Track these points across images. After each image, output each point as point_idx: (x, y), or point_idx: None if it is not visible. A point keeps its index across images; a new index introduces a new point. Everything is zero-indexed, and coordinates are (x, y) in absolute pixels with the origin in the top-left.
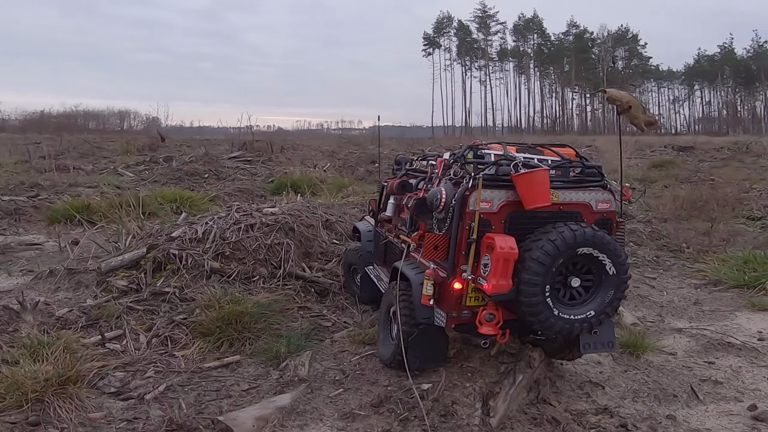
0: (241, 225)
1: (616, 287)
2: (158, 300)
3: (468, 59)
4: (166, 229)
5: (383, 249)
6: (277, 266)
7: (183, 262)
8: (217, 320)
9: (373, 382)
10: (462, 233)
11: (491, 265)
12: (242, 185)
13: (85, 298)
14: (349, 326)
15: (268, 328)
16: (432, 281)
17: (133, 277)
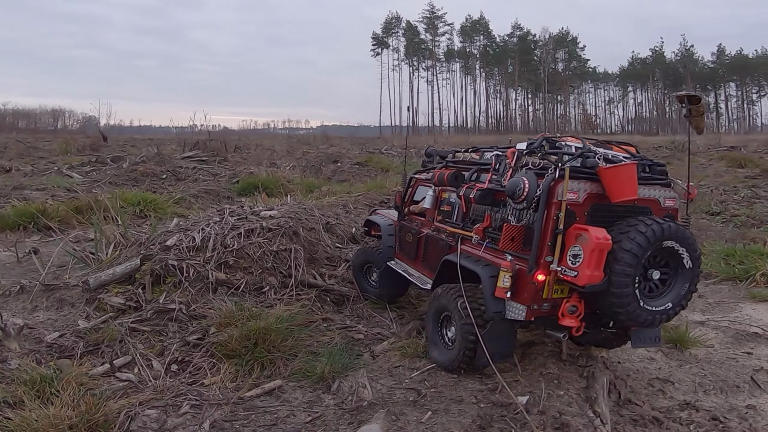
0: (240, 230)
1: (690, 281)
2: (163, 319)
3: (416, 59)
4: (158, 237)
5: (415, 244)
6: (287, 274)
7: (185, 274)
8: (240, 339)
9: (458, 400)
10: (548, 224)
11: (585, 256)
12: (207, 186)
13: (74, 319)
14: (384, 337)
15: (299, 345)
16: (510, 273)
17: (130, 293)
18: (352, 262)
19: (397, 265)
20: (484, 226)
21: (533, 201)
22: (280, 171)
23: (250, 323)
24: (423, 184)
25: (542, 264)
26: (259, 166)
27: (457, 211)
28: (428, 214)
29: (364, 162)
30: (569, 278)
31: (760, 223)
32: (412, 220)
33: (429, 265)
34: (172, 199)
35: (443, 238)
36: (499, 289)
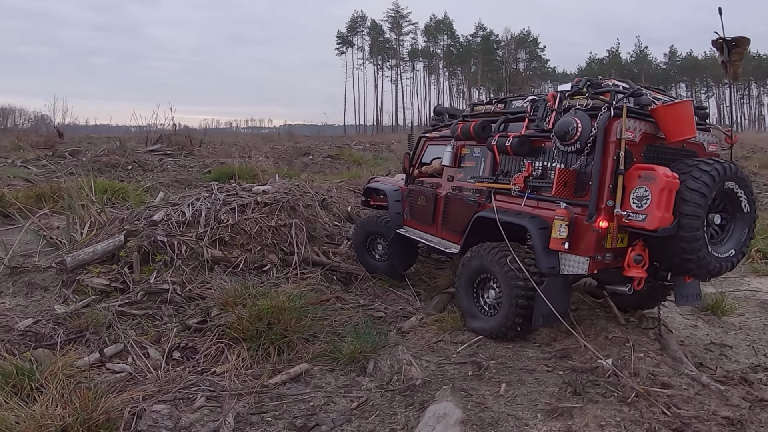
0: (233, 205)
1: (749, 225)
2: (156, 301)
3: (380, 58)
4: (143, 212)
5: (431, 207)
6: (288, 252)
7: (176, 252)
8: (251, 320)
9: (528, 369)
10: (606, 165)
11: (653, 197)
12: (177, 176)
13: (50, 304)
14: (408, 314)
15: (317, 326)
16: (566, 222)
17: (114, 272)
18: (354, 238)
19: (409, 232)
20: (525, 174)
21: (588, 141)
22: (254, 161)
23: (260, 302)
24: (435, 143)
25: (603, 209)
26: (230, 158)
27: (485, 164)
28: (446, 172)
29: (335, 155)
30: (636, 223)
31: None
32: (424, 182)
33: (452, 228)
34: (141, 187)
35: (469, 196)
36: (554, 241)
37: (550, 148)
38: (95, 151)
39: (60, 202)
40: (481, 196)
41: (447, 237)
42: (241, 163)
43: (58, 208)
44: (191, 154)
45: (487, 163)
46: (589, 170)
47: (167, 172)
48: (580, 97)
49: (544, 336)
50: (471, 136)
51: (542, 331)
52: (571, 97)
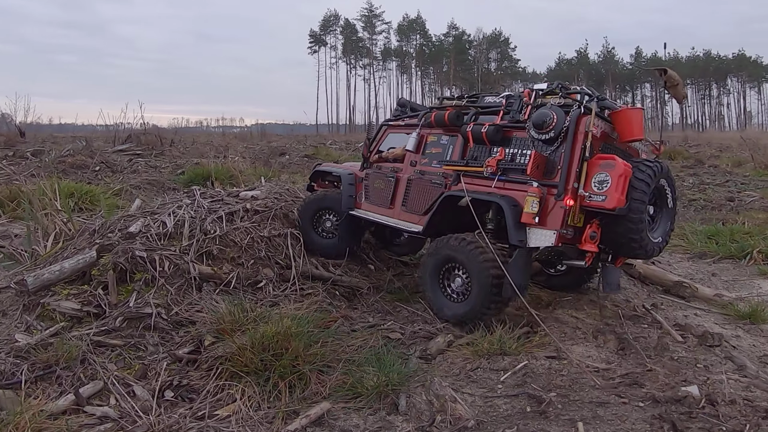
0: (219, 213)
1: (671, 219)
2: (138, 327)
3: (353, 57)
4: (117, 223)
5: (391, 190)
6: (284, 265)
7: (158, 268)
8: (254, 350)
9: (601, 402)
10: (574, 153)
11: (612, 181)
12: (148, 177)
13: (9, 333)
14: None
15: (328, 353)
16: (538, 199)
17: (87, 294)
18: (300, 212)
19: (362, 213)
20: (499, 158)
21: (561, 132)
22: (229, 162)
23: (262, 328)
24: (398, 131)
25: (570, 190)
26: (203, 158)
27: (453, 150)
28: (409, 158)
29: (312, 154)
30: (596, 203)
31: (720, 206)
32: (382, 167)
33: (413, 209)
34: (111, 190)
35: (434, 179)
36: (526, 215)
37: (521, 137)
38: (60, 152)
39: (20, 208)
40: (448, 179)
41: (406, 218)
42: (216, 163)
43: (18, 214)
44: (162, 154)
45: (455, 149)
46: (559, 157)
47: (138, 174)
48: (552, 96)
49: (595, 357)
50: (445, 123)
51: (592, 352)
52: (545, 95)
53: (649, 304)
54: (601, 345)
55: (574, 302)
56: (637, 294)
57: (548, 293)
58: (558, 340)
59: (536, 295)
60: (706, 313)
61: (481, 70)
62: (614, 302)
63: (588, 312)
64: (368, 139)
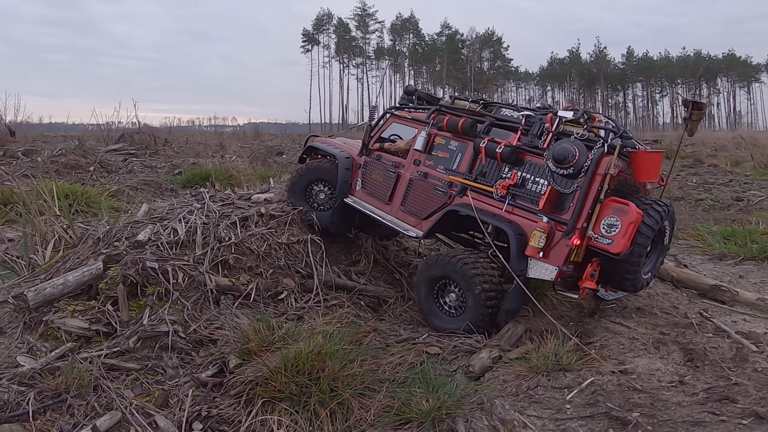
0: (232, 218)
1: (662, 254)
2: (154, 348)
3: (346, 56)
4: (123, 230)
5: (390, 185)
6: (305, 274)
7: (172, 281)
8: (289, 373)
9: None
10: (590, 192)
11: (621, 227)
12: (145, 178)
13: (10, 355)
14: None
15: (368, 373)
16: (545, 234)
17: (95, 311)
18: (292, 182)
19: (357, 203)
20: (510, 183)
21: (581, 170)
22: (227, 162)
23: (291, 347)
24: (402, 122)
25: (579, 229)
26: (199, 158)
27: (461, 159)
28: (413, 155)
29: None
30: (601, 245)
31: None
32: (382, 158)
33: (412, 211)
34: (107, 191)
35: (438, 185)
36: (531, 249)
37: (535, 163)
38: (52, 151)
39: (13, 211)
40: (453, 188)
41: (404, 218)
42: (214, 163)
43: (11, 217)
44: (156, 153)
45: (464, 159)
46: (573, 193)
47: (134, 174)
48: (575, 126)
49: (663, 371)
50: (458, 131)
51: (658, 365)
52: (567, 123)
53: (696, 311)
54: (665, 357)
55: (620, 310)
56: (678, 299)
57: (588, 301)
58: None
59: (575, 303)
60: (755, 318)
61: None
62: (662, 309)
63: (638, 320)
64: (370, 125)
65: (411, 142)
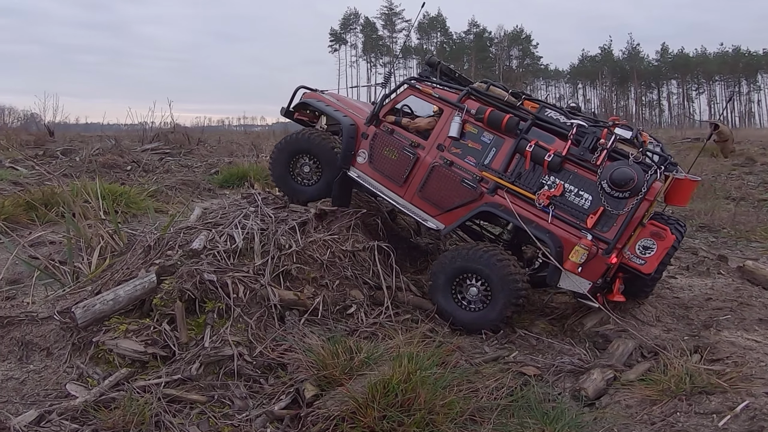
0: (290, 223)
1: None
2: (218, 374)
3: (373, 56)
4: (176, 237)
5: (407, 167)
6: (373, 285)
7: (232, 295)
8: (379, 404)
9: None
10: (639, 216)
11: (656, 251)
12: (184, 177)
13: (58, 382)
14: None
15: (465, 402)
16: (587, 251)
17: (150, 331)
18: (276, 154)
19: (363, 179)
20: (555, 194)
21: (636, 195)
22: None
23: (374, 374)
24: (422, 97)
25: (618, 249)
26: (234, 157)
27: (496, 155)
28: (436, 138)
29: None
30: (634, 264)
31: None
32: (396, 132)
33: (433, 200)
34: (146, 191)
35: (467, 178)
36: (571, 264)
37: (582, 176)
38: (89, 150)
39: (54, 211)
40: (484, 185)
41: (421, 206)
42: (250, 162)
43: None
44: (190, 152)
45: (499, 156)
46: (619, 213)
47: (172, 174)
48: (629, 146)
49: None
50: (500, 127)
51: None
52: (625, 142)
53: None
54: None
55: (738, 322)
56: None
57: (696, 311)
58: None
59: (681, 315)
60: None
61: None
62: None
63: (761, 332)
64: (385, 95)
65: (435, 123)
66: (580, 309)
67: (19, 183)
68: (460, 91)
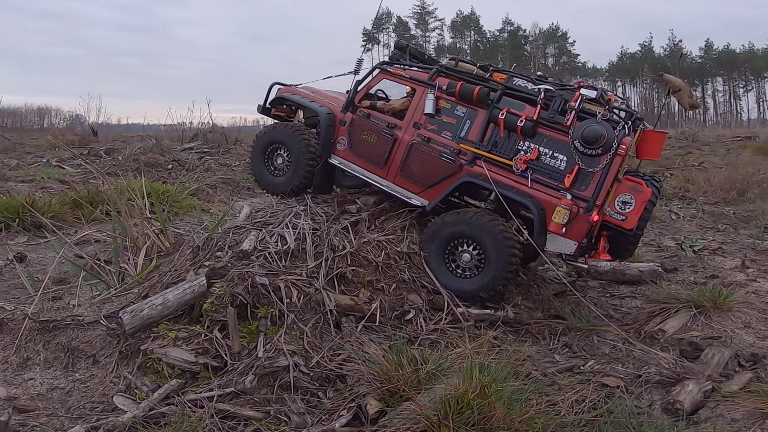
0: (342, 223)
1: None
2: (273, 386)
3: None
4: (225, 237)
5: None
6: (432, 289)
7: (286, 300)
8: (451, 422)
9: None
10: (613, 172)
11: (635, 205)
12: (224, 176)
13: (105, 390)
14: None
15: (546, 418)
16: (569, 211)
17: (201, 339)
18: (254, 145)
19: (345, 165)
20: (531, 158)
21: (608, 150)
22: None
23: (443, 386)
24: (395, 79)
25: (598, 206)
26: None
27: (471, 127)
28: (414, 117)
29: None
30: (616, 221)
31: None
32: (372, 116)
33: (414, 178)
34: (187, 189)
35: (445, 153)
36: (554, 224)
37: (555, 138)
38: (131, 150)
39: (98, 209)
40: (462, 157)
41: (404, 184)
42: None
43: (98, 215)
44: (228, 152)
45: (474, 127)
46: (594, 171)
47: (212, 172)
48: (594, 105)
49: None
50: (471, 99)
51: None
52: (592, 102)
53: None
54: None
55: None
56: None
57: None
58: None
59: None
60: None
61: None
62: None
63: None
64: (358, 81)
65: (409, 103)
66: (657, 314)
67: (65, 181)
68: (430, 70)
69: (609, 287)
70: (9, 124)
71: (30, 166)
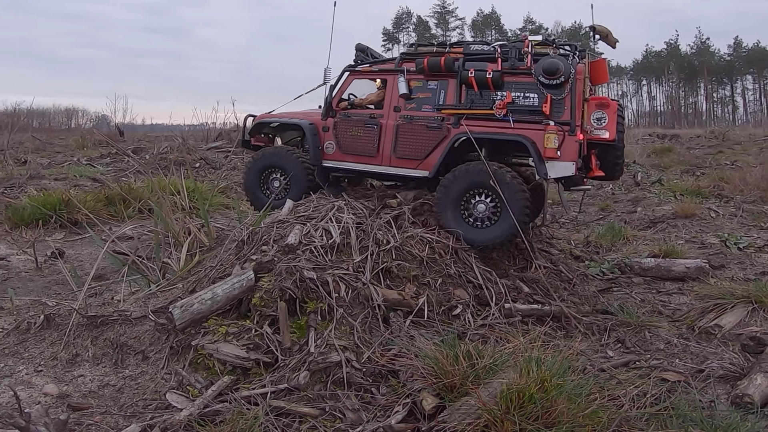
0: (384, 217)
1: None
2: (326, 382)
3: None
4: (269, 232)
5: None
6: (478, 284)
7: (335, 294)
8: (514, 417)
9: None
10: (579, 94)
11: (608, 118)
12: None
13: (156, 387)
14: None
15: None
16: (556, 135)
17: (251, 334)
18: (247, 171)
19: (340, 164)
20: (507, 101)
21: (569, 78)
22: None
23: (500, 381)
24: (363, 77)
25: (579, 126)
26: None
27: (446, 94)
28: (392, 102)
29: None
30: (599, 136)
31: None
32: (352, 114)
33: (408, 155)
34: (216, 188)
35: (431, 123)
36: (549, 150)
37: (522, 81)
38: (158, 149)
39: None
40: (447, 122)
41: (401, 164)
42: None
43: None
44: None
45: (449, 94)
46: (564, 99)
47: (238, 170)
48: (545, 47)
49: None
50: (440, 69)
51: None
52: (537, 45)
53: None
54: None
55: None
56: None
57: None
58: None
59: None
60: None
61: None
62: None
63: None
64: (331, 87)
65: (384, 94)
66: (711, 310)
67: (97, 179)
68: (395, 60)
69: (654, 284)
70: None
71: (61, 165)
